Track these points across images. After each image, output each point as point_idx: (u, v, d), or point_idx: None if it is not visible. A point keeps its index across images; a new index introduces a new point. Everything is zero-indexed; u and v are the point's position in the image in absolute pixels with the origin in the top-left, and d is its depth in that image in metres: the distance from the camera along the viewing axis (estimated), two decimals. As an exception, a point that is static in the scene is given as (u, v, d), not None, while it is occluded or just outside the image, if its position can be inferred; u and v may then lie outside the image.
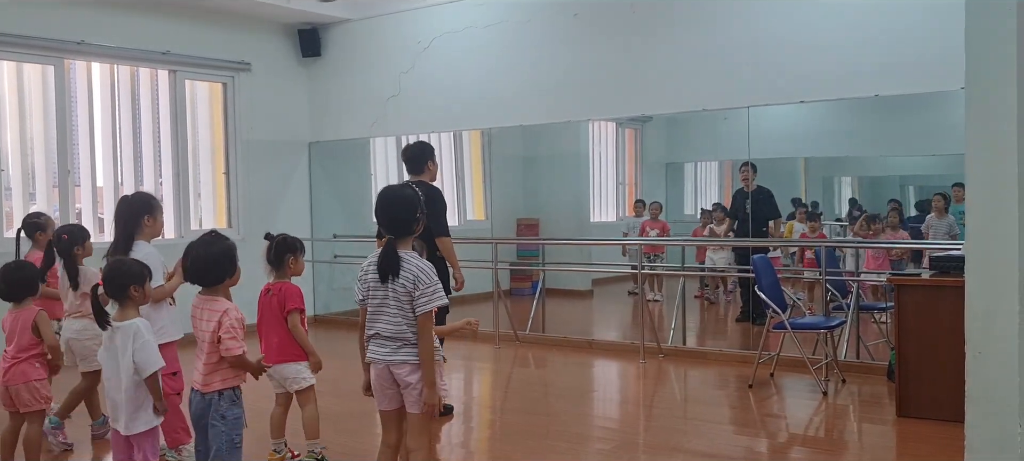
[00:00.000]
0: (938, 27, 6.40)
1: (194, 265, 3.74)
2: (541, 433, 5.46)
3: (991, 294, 3.32)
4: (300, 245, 4.89)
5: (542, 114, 8.78)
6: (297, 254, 4.83)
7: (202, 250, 3.74)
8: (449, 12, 9.21)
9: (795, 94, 7.36)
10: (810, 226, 8.73)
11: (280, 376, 4.72)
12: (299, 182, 10.37)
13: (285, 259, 4.77)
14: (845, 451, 5.24)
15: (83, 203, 8.57)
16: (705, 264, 9.92)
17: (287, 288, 4.71)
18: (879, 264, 7.94)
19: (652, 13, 7.94)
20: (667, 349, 7.89)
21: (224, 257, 3.76)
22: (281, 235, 4.88)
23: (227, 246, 3.79)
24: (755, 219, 8.48)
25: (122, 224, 4.63)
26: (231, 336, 3.65)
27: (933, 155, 9.43)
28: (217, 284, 3.75)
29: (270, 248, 4.80)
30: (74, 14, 8.21)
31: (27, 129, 8.14)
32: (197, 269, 3.74)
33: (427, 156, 5.95)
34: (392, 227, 3.60)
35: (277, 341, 4.68)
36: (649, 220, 10.19)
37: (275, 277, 4.79)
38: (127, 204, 4.73)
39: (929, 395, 5.48)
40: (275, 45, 10.03)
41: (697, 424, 5.84)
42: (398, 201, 3.65)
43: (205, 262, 3.73)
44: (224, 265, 3.75)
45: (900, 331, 5.67)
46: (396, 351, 3.55)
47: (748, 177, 8.57)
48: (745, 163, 8.60)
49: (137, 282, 3.82)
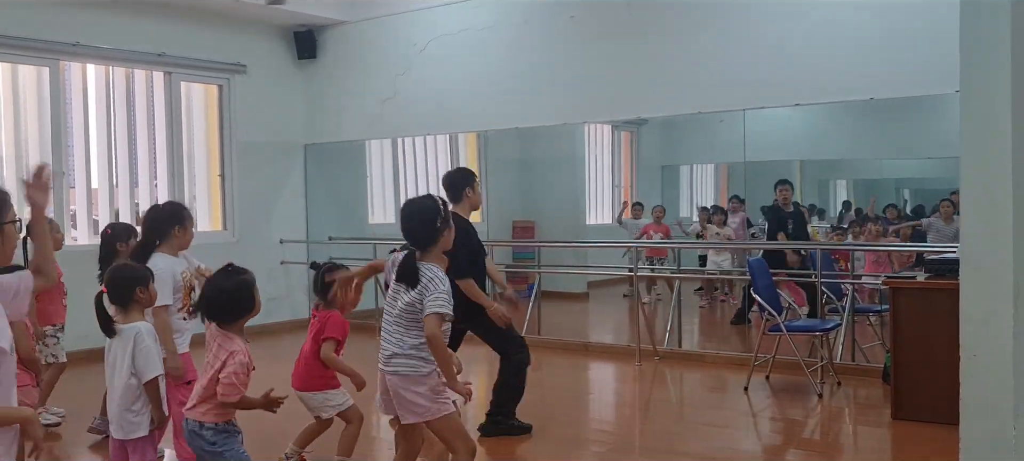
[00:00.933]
0: (933, 31, 6.41)
1: (210, 301, 3.45)
2: (537, 436, 5.46)
3: (986, 297, 3.32)
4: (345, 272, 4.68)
5: (538, 117, 8.78)
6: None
7: (218, 284, 3.46)
8: (445, 14, 9.21)
9: (790, 97, 7.37)
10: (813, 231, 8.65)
11: (305, 403, 4.63)
12: (294, 184, 10.35)
13: (330, 288, 4.56)
14: (840, 454, 5.24)
15: (78, 205, 8.55)
16: (707, 266, 9.90)
17: (330, 317, 4.56)
18: (879, 268, 7.93)
19: (648, 16, 7.95)
20: (663, 352, 7.89)
21: (240, 292, 3.45)
22: (328, 264, 4.75)
23: (243, 280, 3.46)
24: (795, 238, 8.37)
25: (146, 233, 4.48)
26: (229, 383, 3.35)
27: (928, 158, 9.46)
28: (235, 322, 3.45)
29: (317, 278, 4.69)
30: (69, 16, 8.20)
31: (22, 131, 8.12)
32: (213, 305, 3.45)
33: (466, 183, 5.29)
34: (411, 238, 3.56)
35: (303, 367, 4.59)
36: (652, 224, 10.19)
37: (323, 306, 4.65)
38: (155, 213, 4.58)
39: (924, 397, 5.48)
40: (271, 47, 10.02)
41: (693, 426, 5.85)
42: (416, 212, 3.60)
43: (221, 297, 3.43)
44: (243, 301, 3.44)
45: (895, 334, 5.67)
46: (387, 361, 3.55)
47: (788, 196, 8.43)
48: (783, 181, 8.46)
49: (141, 284, 3.74)
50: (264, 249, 9.67)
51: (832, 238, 8.98)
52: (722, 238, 9.48)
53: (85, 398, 5.82)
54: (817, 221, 9.59)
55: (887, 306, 6.04)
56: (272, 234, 9.82)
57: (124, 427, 3.71)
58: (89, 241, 8.42)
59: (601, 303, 11.15)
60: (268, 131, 9.98)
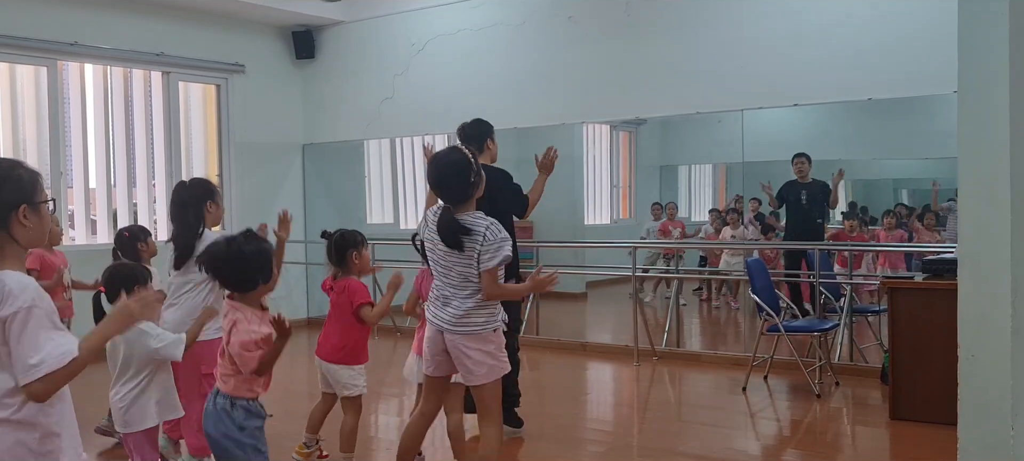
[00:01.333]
0: (931, 31, 6.41)
1: (225, 265, 3.22)
2: (535, 435, 5.46)
3: (984, 297, 3.32)
4: (362, 238, 4.64)
5: (536, 117, 8.78)
6: (360, 248, 4.59)
7: (236, 249, 3.21)
8: (443, 14, 9.21)
9: (789, 97, 7.37)
10: (848, 225, 8.54)
11: (332, 376, 4.56)
12: (293, 184, 10.35)
13: (348, 255, 4.56)
14: (838, 454, 5.25)
15: (76, 205, 8.55)
16: (720, 268, 9.88)
17: (352, 285, 4.50)
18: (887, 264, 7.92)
19: (646, 16, 7.95)
20: (661, 352, 7.89)
21: (256, 259, 3.22)
22: (339, 231, 4.67)
23: (261, 248, 3.26)
24: (811, 213, 8.23)
25: (188, 209, 4.43)
26: (248, 356, 3.17)
27: (926, 159, 9.46)
28: (249, 290, 3.23)
29: (330, 246, 4.63)
30: (67, 15, 8.19)
31: (20, 131, 8.12)
32: (225, 270, 3.22)
33: (486, 134, 5.29)
34: (446, 194, 3.50)
35: (337, 340, 4.52)
36: (667, 221, 10.23)
37: (340, 274, 4.58)
38: (185, 190, 4.55)
39: (922, 398, 5.49)
40: (269, 47, 10.01)
41: (691, 426, 5.85)
42: (449, 166, 3.53)
43: (236, 262, 3.19)
44: (256, 269, 3.21)
45: (893, 334, 5.68)
46: (455, 320, 3.45)
47: (804, 168, 8.24)
48: (800, 154, 8.27)
49: (140, 283, 3.73)
50: (262, 249, 9.64)
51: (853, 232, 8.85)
52: (738, 239, 9.44)
53: (90, 400, 5.78)
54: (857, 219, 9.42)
55: (885, 306, 6.04)
56: (269, 234, 9.79)
57: (129, 421, 3.75)
58: (86, 241, 8.42)
59: (599, 303, 11.16)
60: (266, 131, 9.98)
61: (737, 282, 9.87)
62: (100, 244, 8.10)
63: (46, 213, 2.38)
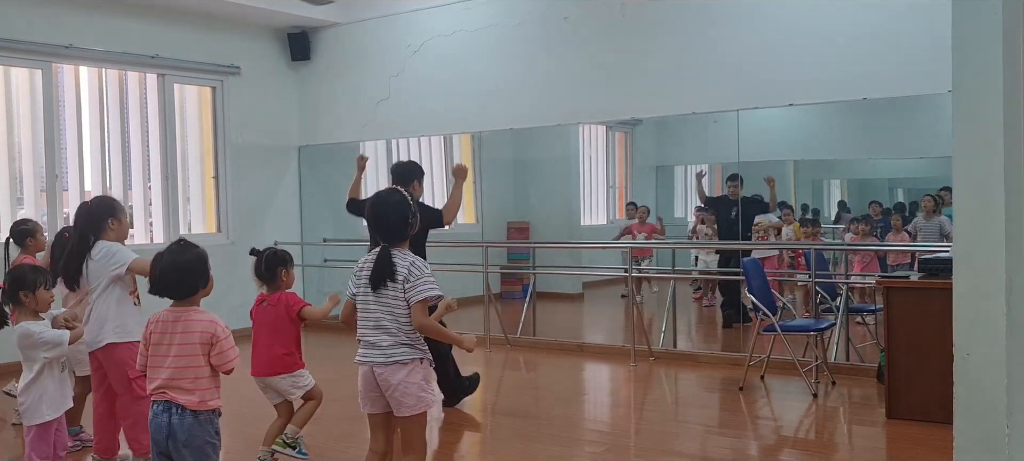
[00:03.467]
0: (925, 30, 6.43)
1: (163, 276, 3.44)
2: (532, 436, 5.46)
3: (979, 295, 3.33)
4: (290, 257, 4.92)
5: (532, 117, 8.78)
6: (289, 266, 4.85)
7: (171, 259, 3.46)
8: (439, 16, 9.21)
9: (784, 97, 7.39)
10: (806, 231, 8.67)
11: (279, 387, 4.72)
12: (289, 186, 10.34)
13: (277, 272, 4.79)
14: (835, 453, 5.25)
15: (71, 208, 8.52)
16: (697, 266, 9.91)
17: (287, 297, 4.74)
18: (868, 267, 7.95)
19: (642, 17, 7.96)
20: (657, 352, 7.89)
21: (196, 266, 3.48)
22: (270, 249, 4.90)
23: (199, 254, 3.51)
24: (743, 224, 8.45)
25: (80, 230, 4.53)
26: (231, 346, 3.45)
27: (921, 158, 9.47)
28: (190, 296, 3.47)
29: (259, 263, 4.80)
30: (62, 18, 8.18)
31: (15, 133, 8.10)
32: (167, 280, 3.44)
33: (414, 176, 5.93)
34: (385, 233, 3.60)
35: (281, 351, 4.68)
36: (636, 224, 10.19)
37: (268, 291, 4.80)
38: (87, 209, 4.59)
39: (918, 397, 5.50)
40: (264, 49, 10.00)
41: (687, 427, 5.85)
42: (390, 206, 3.66)
43: (176, 272, 3.44)
44: (197, 275, 3.48)
45: (889, 333, 5.69)
46: (381, 352, 3.55)
47: (736, 192, 8.56)
48: (732, 176, 8.60)
49: (29, 288, 4.00)
50: (258, 251, 9.64)
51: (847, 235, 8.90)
52: (711, 238, 9.46)
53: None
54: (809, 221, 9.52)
55: (881, 306, 6.05)
56: (266, 236, 9.78)
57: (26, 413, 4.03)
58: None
59: (596, 304, 11.16)
60: (262, 133, 9.97)
61: (712, 282, 9.90)
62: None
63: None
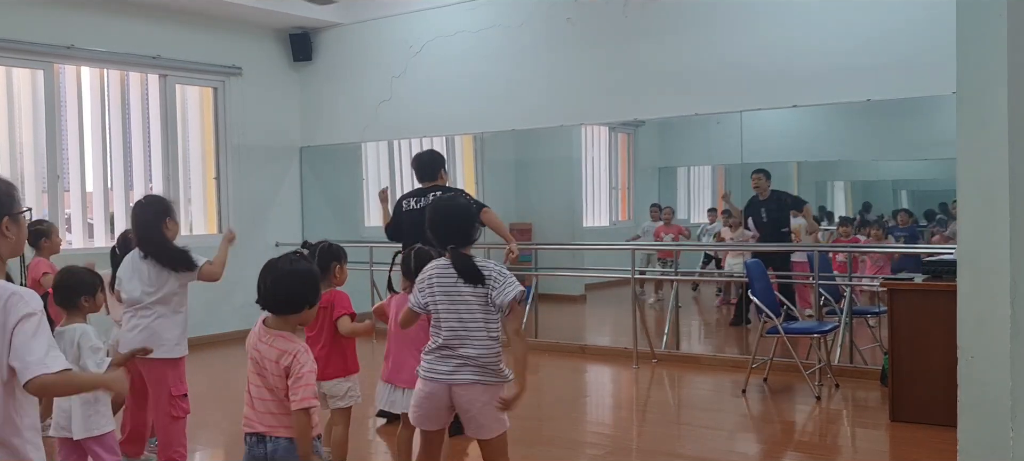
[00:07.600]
0: (929, 32, 6.40)
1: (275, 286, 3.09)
2: (534, 439, 5.44)
3: (983, 298, 3.31)
4: (344, 253, 4.59)
5: (534, 118, 8.76)
6: (342, 261, 4.55)
7: (285, 267, 3.11)
8: (441, 16, 9.19)
9: (788, 98, 7.36)
10: (844, 231, 8.56)
11: (329, 393, 4.41)
12: (290, 187, 10.33)
13: (331, 267, 4.48)
14: (838, 456, 5.23)
15: (72, 208, 8.52)
16: (725, 270, 9.86)
17: (335, 296, 4.42)
18: (882, 270, 7.91)
19: (644, 18, 7.93)
20: (660, 354, 7.87)
21: (308, 281, 3.13)
22: (324, 243, 4.60)
23: (311, 270, 3.18)
24: (777, 224, 8.35)
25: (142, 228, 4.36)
26: (307, 384, 3.02)
27: (925, 159, 9.46)
28: (293, 313, 3.12)
29: (313, 257, 4.49)
30: (64, 18, 8.17)
31: (16, 134, 8.09)
32: (274, 292, 3.10)
33: (440, 166, 5.73)
34: (456, 237, 3.51)
35: (326, 354, 4.34)
36: (663, 226, 10.20)
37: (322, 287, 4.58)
38: (142, 208, 4.47)
39: (922, 399, 5.47)
40: (266, 49, 9.99)
41: (690, 429, 5.83)
42: (458, 210, 3.64)
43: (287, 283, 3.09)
44: (308, 291, 3.12)
45: (893, 336, 5.66)
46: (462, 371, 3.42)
47: (761, 184, 8.40)
48: (756, 170, 8.45)
49: (88, 293, 3.86)
50: (259, 252, 9.56)
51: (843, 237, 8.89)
52: (739, 241, 9.41)
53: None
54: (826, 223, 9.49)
55: (885, 308, 6.03)
56: (268, 237, 9.79)
57: (87, 425, 3.85)
58: (83, 245, 8.39)
59: (598, 305, 11.14)
60: (263, 134, 9.96)
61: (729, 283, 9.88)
62: (97, 248, 8.07)
63: (24, 222, 2.42)
